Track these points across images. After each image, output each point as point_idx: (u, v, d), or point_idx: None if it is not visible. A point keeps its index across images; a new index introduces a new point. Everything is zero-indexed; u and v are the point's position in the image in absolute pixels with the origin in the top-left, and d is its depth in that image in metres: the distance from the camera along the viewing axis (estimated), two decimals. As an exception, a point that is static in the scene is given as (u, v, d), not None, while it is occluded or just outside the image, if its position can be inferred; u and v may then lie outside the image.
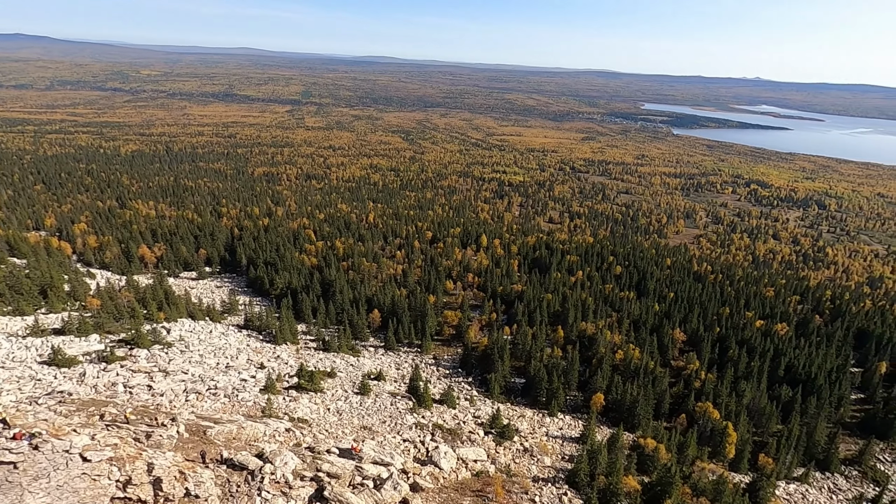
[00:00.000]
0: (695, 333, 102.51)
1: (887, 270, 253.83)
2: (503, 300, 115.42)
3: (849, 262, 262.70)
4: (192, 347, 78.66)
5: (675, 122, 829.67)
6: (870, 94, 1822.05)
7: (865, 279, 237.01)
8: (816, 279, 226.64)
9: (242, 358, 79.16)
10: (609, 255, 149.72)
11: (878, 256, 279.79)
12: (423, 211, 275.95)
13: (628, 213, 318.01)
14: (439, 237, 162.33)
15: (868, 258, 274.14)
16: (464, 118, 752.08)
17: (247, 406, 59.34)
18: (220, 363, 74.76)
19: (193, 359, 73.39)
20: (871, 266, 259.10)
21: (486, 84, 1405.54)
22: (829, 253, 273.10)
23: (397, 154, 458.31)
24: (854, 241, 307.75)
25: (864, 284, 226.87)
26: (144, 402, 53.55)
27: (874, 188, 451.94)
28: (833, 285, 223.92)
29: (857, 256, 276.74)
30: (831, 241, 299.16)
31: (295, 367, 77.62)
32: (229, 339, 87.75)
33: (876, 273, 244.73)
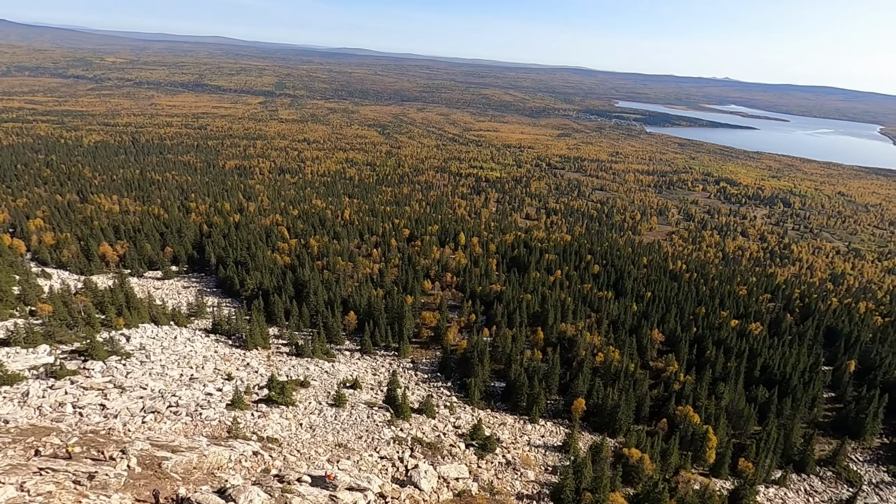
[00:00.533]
0: (672, 334, 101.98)
1: (848, 267, 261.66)
2: (482, 300, 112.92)
3: (812, 258, 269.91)
4: (154, 357, 72.98)
5: (648, 121, 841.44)
6: (831, 96, 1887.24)
7: (828, 275, 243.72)
8: (783, 276, 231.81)
9: (209, 367, 74.07)
10: (587, 253, 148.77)
11: (839, 253, 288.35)
12: (400, 207, 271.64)
13: (603, 210, 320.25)
14: (417, 235, 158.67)
15: (830, 255, 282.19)
16: (441, 113, 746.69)
17: (211, 426, 54.62)
18: (183, 374, 69.51)
19: (154, 370, 67.91)
20: (833, 263, 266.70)
21: (463, 79, 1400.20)
22: (795, 250, 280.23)
23: (373, 148, 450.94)
24: (817, 239, 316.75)
25: (828, 281, 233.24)
26: (95, 425, 48.35)
27: (835, 187, 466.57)
28: (799, 282, 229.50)
29: (819, 253, 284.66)
30: (796, 239, 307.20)
31: (266, 377, 73.10)
32: (195, 346, 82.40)
33: (838, 270, 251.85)
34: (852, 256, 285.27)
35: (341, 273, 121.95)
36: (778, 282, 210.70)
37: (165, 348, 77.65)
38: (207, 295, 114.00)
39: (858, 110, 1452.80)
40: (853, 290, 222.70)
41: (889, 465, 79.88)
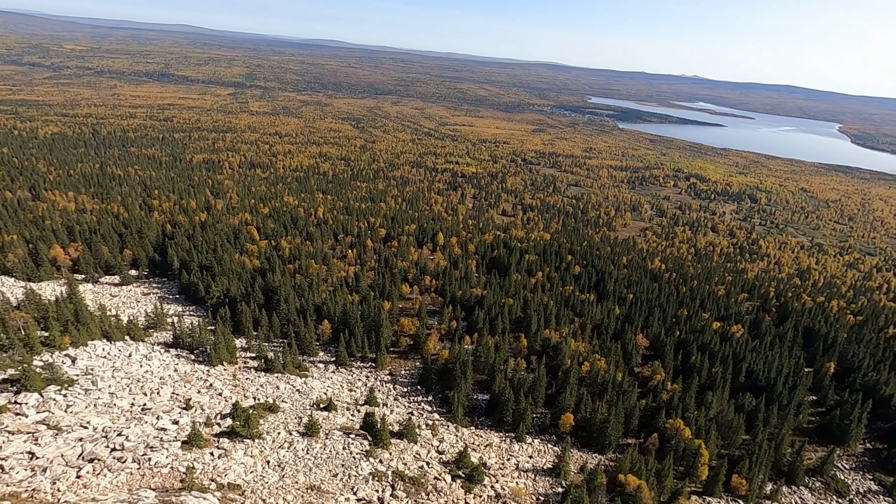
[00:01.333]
0: (657, 338, 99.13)
1: (812, 262, 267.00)
2: (463, 305, 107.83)
3: (779, 254, 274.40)
4: (103, 383, 64.68)
5: (620, 117, 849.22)
6: (794, 95, 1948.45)
7: (795, 271, 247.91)
8: (753, 271, 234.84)
9: (165, 392, 66.42)
10: (567, 253, 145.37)
11: (803, 248, 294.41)
12: (375, 204, 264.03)
13: (578, 206, 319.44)
14: (393, 235, 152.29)
15: (795, 250, 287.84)
16: (416, 107, 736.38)
17: (161, 474, 47.17)
18: (135, 403, 61.62)
19: (101, 400, 59.87)
20: (799, 258, 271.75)
21: (438, 73, 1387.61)
22: (762, 245, 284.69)
23: (347, 142, 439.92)
24: (783, 234, 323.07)
25: (795, 276, 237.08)
26: (17, 484, 40.97)
27: (798, 183, 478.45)
28: (768, 277, 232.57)
29: (785, 248, 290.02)
30: (763, 234, 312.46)
31: (230, 401, 66.18)
32: (152, 365, 74.53)
33: (804, 265, 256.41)
34: (816, 251, 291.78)
35: (314, 277, 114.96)
36: (750, 278, 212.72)
37: (117, 370, 69.67)
38: (169, 302, 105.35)
39: (819, 109, 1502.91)
40: (819, 286, 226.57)
41: (875, 472, 78.66)
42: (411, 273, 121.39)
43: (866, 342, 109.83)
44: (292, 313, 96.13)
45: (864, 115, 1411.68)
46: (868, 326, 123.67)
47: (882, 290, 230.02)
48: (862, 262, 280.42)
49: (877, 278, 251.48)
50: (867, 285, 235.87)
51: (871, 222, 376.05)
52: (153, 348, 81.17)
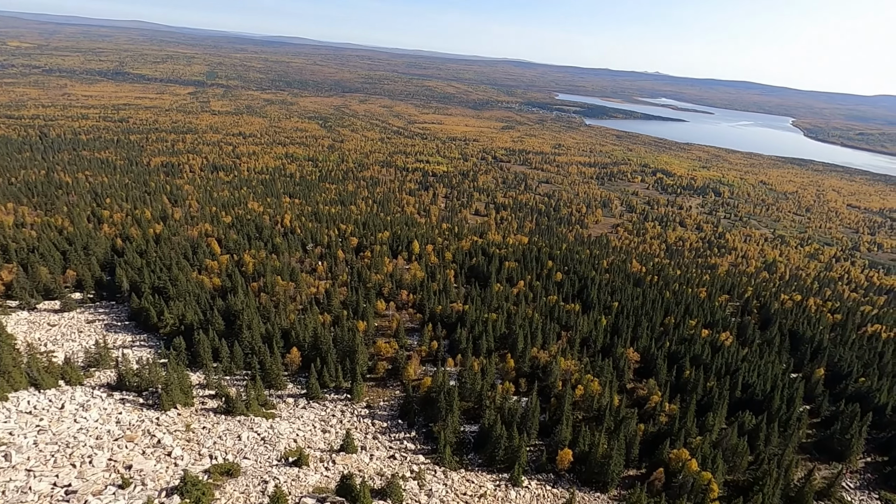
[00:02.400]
0: (647, 352, 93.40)
1: (776, 254, 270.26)
2: (443, 323, 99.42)
3: (745, 246, 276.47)
4: (19, 455, 51.59)
5: (586, 113, 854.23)
6: (750, 90, 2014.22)
7: (762, 263, 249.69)
8: (724, 266, 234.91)
9: (100, 460, 54.72)
10: (547, 258, 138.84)
11: (767, 240, 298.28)
12: (346, 207, 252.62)
13: (551, 204, 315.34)
14: (366, 243, 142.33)
15: (760, 243, 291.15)
16: (384, 105, 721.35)
17: None
18: (58, 484, 48.84)
19: (13, 484, 47.49)
20: (764, 250, 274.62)
21: (406, 70, 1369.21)
22: (729, 238, 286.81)
23: (315, 142, 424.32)
24: (746, 227, 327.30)
25: (763, 269, 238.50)
26: None
27: (757, 176, 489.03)
28: (739, 272, 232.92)
29: (750, 241, 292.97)
30: (728, 227, 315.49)
31: (181, 464, 55.85)
32: (89, 418, 63.00)
33: (769, 258, 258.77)
34: (779, 243, 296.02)
35: (281, 296, 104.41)
36: (721, 273, 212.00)
37: (43, 431, 58.01)
38: (117, 331, 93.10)
39: (773, 104, 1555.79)
40: (786, 279, 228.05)
41: (880, 489, 74.89)
42: (387, 287, 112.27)
43: (850, 344, 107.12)
44: (257, 340, 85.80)
45: (814, 109, 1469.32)
46: (848, 326, 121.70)
47: (844, 281, 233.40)
48: (821, 252, 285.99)
49: (837, 268, 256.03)
50: (829, 276, 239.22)
51: (827, 213, 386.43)
52: (93, 393, 69.49)
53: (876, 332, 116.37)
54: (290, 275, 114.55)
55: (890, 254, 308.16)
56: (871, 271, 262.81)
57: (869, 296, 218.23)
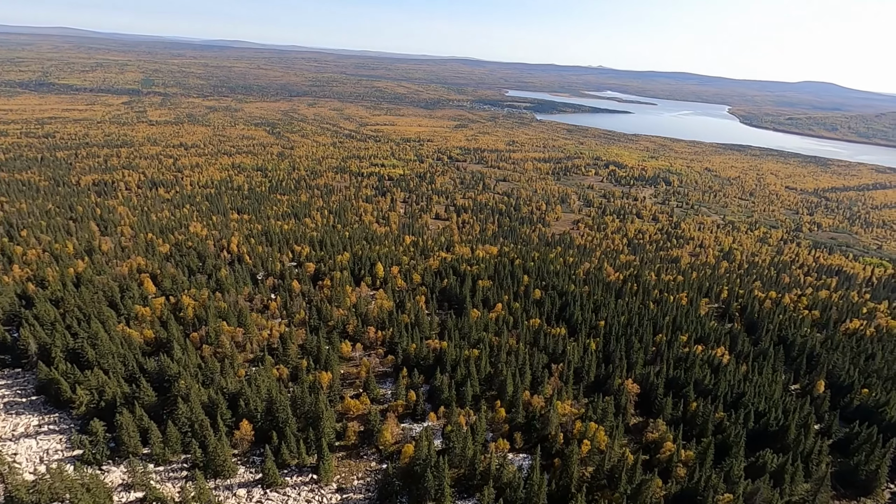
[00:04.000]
0: (645, 380, 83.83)
1: (730, 241, 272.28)
2: (419, 365, 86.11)
3: (700, 235, 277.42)
4: None
5: (537, 108, 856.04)
6: (688, 81, 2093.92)
7: (719, 252, 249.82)
8: (685, 258, 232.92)
9: None
10: (521, 272, 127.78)
11: (719, 227, 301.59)
12: (300, 221, 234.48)
13: (510, 203, 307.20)
14: (324, 269, 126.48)
15: (713, 230, 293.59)
16: (334, 107, 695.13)
17: None
18: None
19: None
20: (718, 238, 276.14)
21: (354, 71, 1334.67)
22: (684, 228, 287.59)
23: (263, 150, 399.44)
24: (698, 214, 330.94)
25: (721, 258, 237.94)
26: None
27: (702, 164, 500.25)
28: (699, 263, 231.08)
29: (704, 229, 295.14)
30: (682, 216, 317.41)
31: None
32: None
33: (725, 246, 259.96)
34: (731, 229, 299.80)
35: (227, 347, 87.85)
36: (684, 266, 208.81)
37: None
38: (20, 411, 74.32)
39: (710, 93, 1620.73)
40: (746, 268, 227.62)
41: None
42: (351, 324, 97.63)
43: (841, 348, 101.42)
44: (197, 414, 69.28)
45: (747, 97, 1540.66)
46: (830, 324, 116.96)
47: (797, 265, 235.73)
48: (770, 235, 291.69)
49: (787, 252, 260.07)
50: (782, 260, 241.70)
51: (769, 196, 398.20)
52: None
53: (858, 330, 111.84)
54: (238, 317, 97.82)
55: (828, 232, 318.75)
56: (816, 251, 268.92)
57: (822, 278, 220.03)
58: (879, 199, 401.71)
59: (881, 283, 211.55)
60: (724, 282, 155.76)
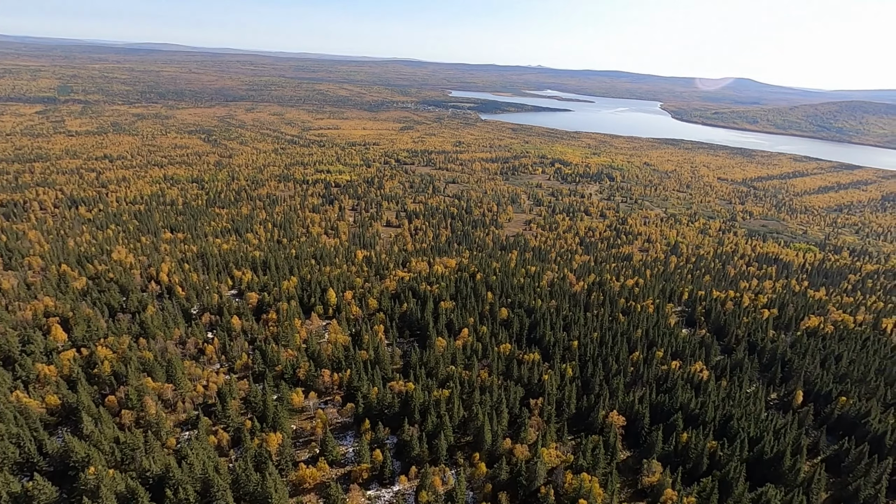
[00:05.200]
0: (629, 409, 76.85)
1: (675, 234, 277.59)
2: (383, 415, 74.33)
3: (646, 229, 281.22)
4: None
5: (481, 108, 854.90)
6: (622, 79, 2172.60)
7: (667, 246, 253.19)
8: (637, 255, 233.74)
9: None
10: (484, 288, 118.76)
11: (663, 220, 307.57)
12: (242, 236, 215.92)
13: (462, 206, 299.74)
14: (269, 299, 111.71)
15: (657, 223, 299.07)
16: (274, 112, 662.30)
17: None
18: None
19: None
20: (663, 231, 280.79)
21: (294, 74, 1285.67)
22: (630, 223, 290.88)
23: (199, 160, 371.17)
24: (642, 209, 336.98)
25: (670, 253, 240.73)
26: None
27: (641, 158, 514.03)
28: (650, 259, 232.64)
29: (649, 223, 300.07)
30: (627, 211, 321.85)
31: None
32: None
33: (671, 239, 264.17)
34: (673, 222, 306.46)
35: (153, 412, 72.63)
36: (636, 263, 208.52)
37: None
38: None
39: (643, 90, 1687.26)
40: (693, 261, 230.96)
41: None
42: (303, 367, 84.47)
43: (809, 351, 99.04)
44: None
45: (676, 93, 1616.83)
46: (791, 323, 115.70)
47: (738, 255, 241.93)
48: (709, 226, 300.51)
49: (727, 242, 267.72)
50: (724, 251, 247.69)
51: (703, 187, 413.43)
52: None
53: (818, 329, 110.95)
54: (167, 369, 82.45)
55: (759, 220, 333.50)
56: (752, 240, 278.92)
57: (763, 268, 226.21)
58: (800, 187, 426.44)
59: (814, 268, 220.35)
60: (678, 280, 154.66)
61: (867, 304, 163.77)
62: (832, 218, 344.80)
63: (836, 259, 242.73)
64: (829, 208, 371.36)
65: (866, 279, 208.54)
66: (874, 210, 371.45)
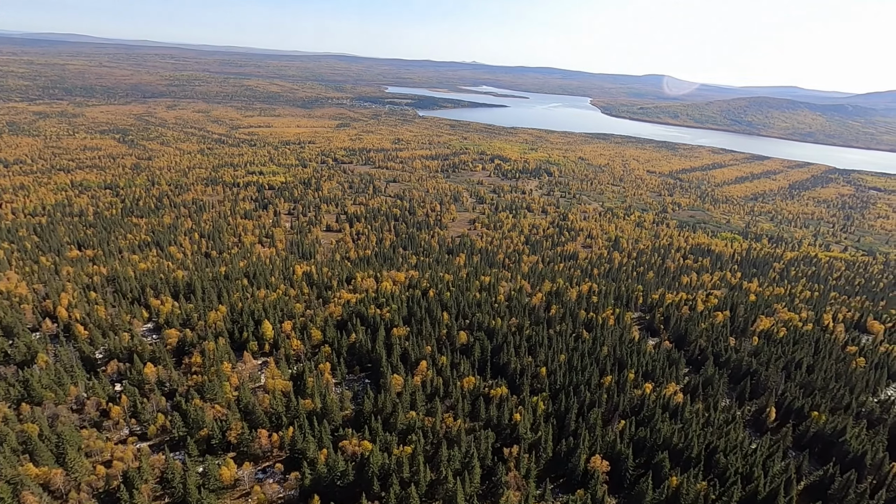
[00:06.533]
0: (610, 449, 68.74)
1: (613, 228, 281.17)
2: (335, 486, 60.55)
3: (587, 225, 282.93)
4: None
5: (418, 105, 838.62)
6: (554, 75, 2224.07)
7: (608, 241, 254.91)
8: (583, 253, 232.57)
9: None
10: (438, 307, 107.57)
11: (601, 215, 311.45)
12: (164, 250, 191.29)
13: (404, 206, 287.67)
14: (192, 338, 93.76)
15: (596, 218, 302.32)
16: (199, 109, 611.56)
17: None
18: None
19: None
20: (603, 226, 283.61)
21: (220, 69, 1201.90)
22: (571, 219, 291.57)
23: (113, 163, 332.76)
24: (581, 203, 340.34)
25: (612, 249, 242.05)
26: None
27: (576, 153, 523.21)
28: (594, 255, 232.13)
29: (589, 218, 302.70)
30: (567, 206, 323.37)
31: None
32: None
33: (611, 235, 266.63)
34: (611, 216, 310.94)
35: (36, 507, 55.35)
36: (583, 263, 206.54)
37: None
38: None
39: (574, 86, 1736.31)
40: (633, 255, 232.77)
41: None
42: (234, 428, 68.52)
43: (772, 359, 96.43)
44: None
45: (604, 89, 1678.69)
46: (742, 324, 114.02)
47: (675, 248, 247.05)
48: (643, 219, 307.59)
49: (662, 235, 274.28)
50: (661, 244, 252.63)
51: (635, 180, 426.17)
52: None
53: (771, 331, 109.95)
54: (57, 444, 64.37)
55: (687, 211, 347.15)
56: (684, 232, 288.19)
57: (699, 260, 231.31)
58: (719, 178, 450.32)
59: (743, 258, 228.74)
60: (625, 278, 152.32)
61: (797, 294, 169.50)
62: (750, 207, 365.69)
63: (759, 248, 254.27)
64: (746, 197, 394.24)
65: (789, 266, 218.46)
66: (784, 198, 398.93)
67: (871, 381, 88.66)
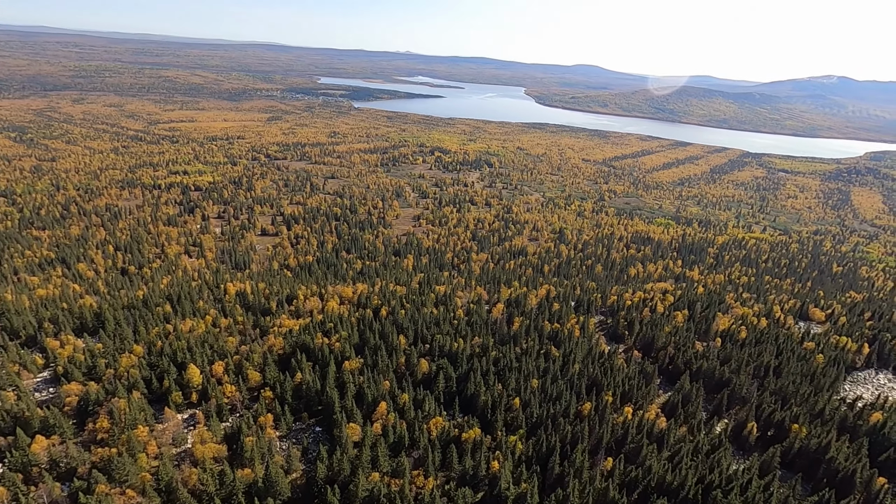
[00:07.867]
0: (603, 498, 60.46)
1: (556, 219, 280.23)
2: None
3: (531, 217, 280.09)
4: None
5: (353, 96, 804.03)
6: (488, 65, 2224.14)
7: (552, 234, 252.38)
8: (529, 246, 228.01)
9: None
10: (392, 329, 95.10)
11: (543, 206, 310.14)
12: (70, 269, 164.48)
13: (345, 205, 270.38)
14: (97, 394, 75.43)
15: (539, 209, 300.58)
16: (111, 103, 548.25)
17: None
18: None
19: None
20: (546, 217, 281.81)
21: (133, 59, 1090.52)
22: (515, 211, 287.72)
23: (8, 166, 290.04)
24: (523, 194, 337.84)
25: (558, 242, 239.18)
26: None
27: (514, 143, 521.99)
28: (542, 250, 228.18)
29: (532, 210, 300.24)
30: (510, 198, 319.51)
31: None
32: None
33: (556, 226, 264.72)
34: (553, 207, 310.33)
35: None
36: (533, 260, 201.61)
37: None
38: None
39: (508, 76, 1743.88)
40: (579, 247, 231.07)
41: None
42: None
43: (743, 364, 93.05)
44: None
45: (537, 79, 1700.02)
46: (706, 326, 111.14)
47: (617, 237, 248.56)
48: (584, 208, 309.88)
49: (603, 224, 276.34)
50: (604, 234, 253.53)
51: (572, 169, 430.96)
52: None
53: (731, 332, 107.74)
54: None
55: (623, 198, 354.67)
56: (622, 219, 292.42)
57: (641, 249, 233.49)
58: (648, 164, 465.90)
59: (680, 245, 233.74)
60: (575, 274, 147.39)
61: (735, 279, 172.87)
62: (678, 192, 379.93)
63: (693, 233, 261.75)
64: (674, 182, 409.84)
65: (722, 251, 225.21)
66: (707, 182, 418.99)
67: (832, 379, 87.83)
